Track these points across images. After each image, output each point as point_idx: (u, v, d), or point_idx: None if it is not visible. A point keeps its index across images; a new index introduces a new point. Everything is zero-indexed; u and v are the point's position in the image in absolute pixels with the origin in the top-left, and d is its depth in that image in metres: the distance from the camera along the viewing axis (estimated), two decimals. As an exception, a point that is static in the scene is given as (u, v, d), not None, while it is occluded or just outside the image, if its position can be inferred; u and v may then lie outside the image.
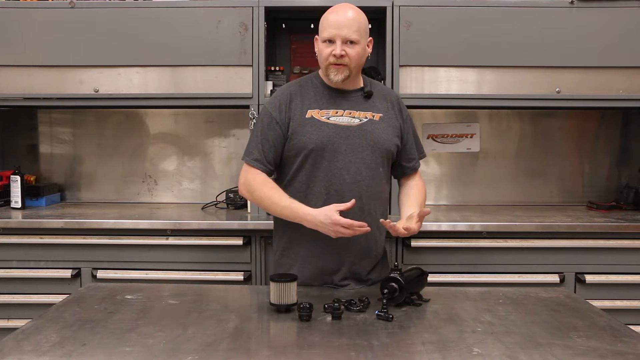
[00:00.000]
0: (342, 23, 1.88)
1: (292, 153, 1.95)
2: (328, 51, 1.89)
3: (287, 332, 1.53)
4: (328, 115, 1.95)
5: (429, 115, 3.26)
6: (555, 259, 2.64)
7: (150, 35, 2.84)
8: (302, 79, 2.08)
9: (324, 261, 1.96)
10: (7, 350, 1.37)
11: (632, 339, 1.45)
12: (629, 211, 3.02)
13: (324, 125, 1.93)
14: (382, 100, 2.04)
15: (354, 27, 1.89)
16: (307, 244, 1.96)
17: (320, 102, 1.97)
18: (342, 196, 1.90)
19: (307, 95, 1.98)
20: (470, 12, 2.80)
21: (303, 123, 1.93)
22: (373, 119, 1.98)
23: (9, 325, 2.64)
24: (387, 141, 1.98)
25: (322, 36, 1.92)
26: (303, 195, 1.94)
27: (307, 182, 1.94)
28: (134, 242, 2.66)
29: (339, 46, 1.88)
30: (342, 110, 1.96)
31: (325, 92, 1.99)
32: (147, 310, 1.68)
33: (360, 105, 1.99)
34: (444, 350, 1.38)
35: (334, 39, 1.88)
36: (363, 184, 1.93)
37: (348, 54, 1.89)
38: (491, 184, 3.32)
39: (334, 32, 1.88)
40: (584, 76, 2.82)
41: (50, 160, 3.41)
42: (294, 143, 1.94)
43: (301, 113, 1.95)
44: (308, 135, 1.92)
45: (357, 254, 1.97)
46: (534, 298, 1.82)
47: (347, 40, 1.88)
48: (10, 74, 2.90)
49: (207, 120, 3.34)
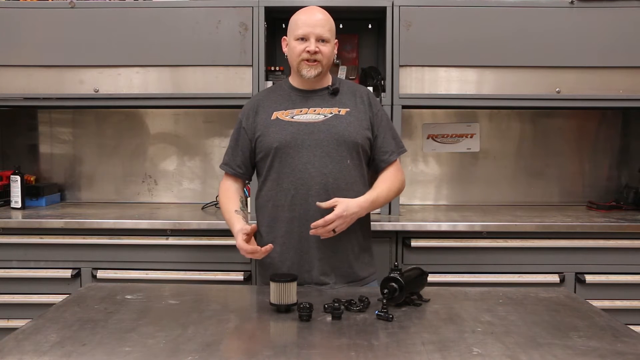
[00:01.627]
0: (316, 22, 1.97)
1: (262, 154, 2.03)
2: (301, 48, 1.97)
3: (287, 332, 1.53)
4: (292, 115, 2.02)
5: (429, 115, 3.26)
6: (555, 259, 2.64)
7: (150, 35, 2.84)
8: (273, 86, 2.21)
9: (299, 256, 1.98)
10: (7, 350, 1.37)
11: (632, 339, 1.45)
12: (629, 211, 3.02)
13: (287, 124, 2.00)
14: (351, 96, 2.08)
15: (326, 27, 1.99)
16: (281, 240, 1.99)
17: (286, 104, 2.05)
18: (308, 189, 1.95)
19: (274, 99, 2.07)
20: (470, 12, 2.80)
21: (268, 125, 2.02)
22: (339, 113, 2.02)
23: (9, 325, 2.64)
24: (353, 134, 2.00)
25: (295, 34, 1.99)
26: (274, 192, 2.00)
27: (276, 180, 2.00)
28: (134, 242, 2.66)
29: (313, 43, 1.96)
30: (306, 109, 2.02)
31: (292, 94, 2.07)
32: (147, 310, 1.68)
33: (326, 102, 2.04)
34: (444, 350, 1.38)
35: (307, 36, 1.96)
36: (329, 176, 1.96)
37: (321, 51, 1.97)
38: (491, 184, 3.32)
39: (308, 30, 1.96)
40: (584, 76, 2.82)
41: (50, 160, 3.41)
42: (262, 145, 2.02)
43: (267, 116, 2.04)
44: (273, 135, 2.00)
45: (329, 246, 1.97)
46: (534, 298, 1.82)
47: (320, 38, 1.97)
48: (10, 74, 2.90)
49: (207, 120, 3.34)
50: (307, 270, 1.98)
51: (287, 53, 2.05)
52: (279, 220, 2.00)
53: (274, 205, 2.00)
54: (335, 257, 1.99)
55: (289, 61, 2.05)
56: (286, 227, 1.97)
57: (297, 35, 1.98)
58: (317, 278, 1.98)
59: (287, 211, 1.98)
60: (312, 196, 1.94)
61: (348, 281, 2.01)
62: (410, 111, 3.21)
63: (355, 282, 2.03)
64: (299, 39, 1.97)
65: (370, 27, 3.23)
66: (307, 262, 1.98)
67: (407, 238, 2.64)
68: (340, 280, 2.00)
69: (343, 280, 2.01)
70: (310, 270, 1.98)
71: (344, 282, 2.01)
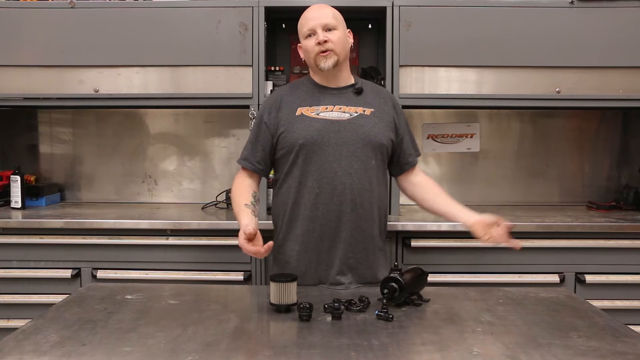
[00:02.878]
0: (318, 14, 1.98)
1: (285, 151, 1.99)
2: (312, 43, 1.96)
3: (287, 332, 1.53)
4: (318, 112, 1.98)
5: (429, 115, 3.26)
6: (555, 259, 2.64)
7: (150, 35, 2.84)
8: (294, 81, 2.16)
9: (318, 255, 1.97)
10: (7, 350, 1.37)
11: (632, 339, 1.45)
12: (629, 211, 3.02)
13: (313, 121, 1.96)
14: (375, 96, 2.07)
15: (329, 15, 1.98)
16: (300, 239, 1.98)
17: (310, 100, 2.01)
18: (333, 189, 1.93)
19: (297, 95, 2.04)
20: (470, 12, 2.80)
21: (293, 120, 1.98)
22: (364, 113, 2.00)
23: (9, 325, 2.64)
24: (378, 134, 1.99)
25: (303, 34, 1.99)
26: (295, 190, 1.97)
27: (300, 178, 1.97)
28: (134, 242, 2.66)
29: (321, 33, 1.95)
30: (332, 106, 1.99)
31: (315, 90, 2.03)
32: (147, 310, 1.68)
33: (351, 101, 2.02)
34: (444, 350, 1.38)
35: (314, 29, 1.96)
36: (355, 176, 1.95)
37: (330, 39, 1.95)
38: (491, 184, 3.32)
39: (312, 23, 1.97)
40: (584, 76, 2.82)
41: (50, 160, 3.41)
42: (285, 140, 1.98)
43: (291, 112, 2.00)
44: (298, 131, 1.96)
45: (350, 246, 1.97)
46: (534, 298, 1.82)
47: (327, 28, 1.96)
48: (10, 74, 2.90)
49: (207, 120, 3.34)
50: (325, 269, 1.97)
51: (304, 57, 2.03)
52: (299, 218, 1.97)
53: (295, 202, 1.97)
54: (355, 258, 1.98)
55: (308, 63, 2.04)
56: (307, 226, 1.94)
57: (305, 33, 1.98)
58: (333, 278, 1.97)
59: (309, 209, 1.95)
60: (337, 195, 1.93)
61: (364, 282, 2.00)
62: (410, 111, 3.21)
63: (369, 283, 2.00)
64: (308, 36, 1.97)
65: (370, 27, 3.23)
66: (326, 262, 1.97)
67: (407, 238, 2.64)
68: (356, 280, 1.99)
69: (359, 281, 1.99)
70: (328, 269, 1.97)
71: (360, 282, 1.99)
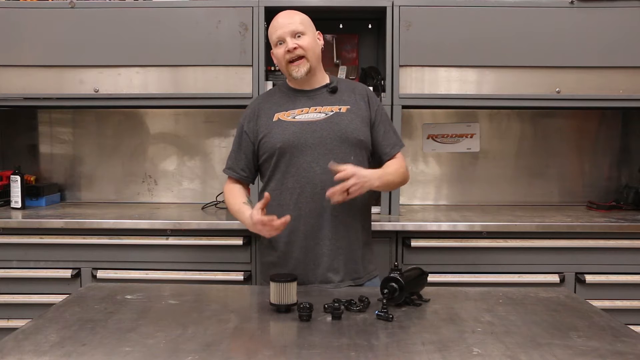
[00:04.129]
0: (285, 22, 2.00)
1: (266, 156, 2.03)
2: (282, 51, 1.99)
3: (287, 332, 1.53)
4: (294, 115, 2.02)
5: (429, 115, 3.26)
6: (555, 259, 2.64)
7: (150, 35, 2.84)
8: (270, 89, 2.24)
9: (304, 254, 1.98)
10: (7, 350, 1.37)
11: (632, 339, 1.45)
12: (629, 211, 3.02)
13: (289, 124, 2.00)
14: (350, 93, 2.08)
15: (297, 21, 2.00)
16: (286, 239, 1.99)
17: (287, 105, 2.05)
18: (314, 188, 1.96)
19: (273, 102, 2.08)
20: (470, 12, 2.80)
21: (271, 126, 2.02)
22: (340, 111, 2.02)
23: (9, 325, 2.64)
24: (355, 131, 2.01)
25: (273, 42, 2.02)
26: (278, 192, 2.00)
27: (281, 180, 2.01)
28: (134, 242, 2.66)
29: (290, 41, 1.97)
30: (307, 108, 2.03)
31: (290, 95, 2.08)
32: (147, 310, 1.68)
33: (326, 100, 2.05)
34: (444, 350, 1.37)
35: (282, 37, 1.99)
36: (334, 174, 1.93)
37: (300, 45, 1.97)
38: (491, 184, 3.32)
39: (281, 31, 1.99)
40: (584, 76, 2.82)
41: (50, 160, 3.41)
42: (265, 146, 2.02)
43: (269, 118, 2.04)
44: (276, 136, 2.00)
45: (335, 242, 1.98)
46: (534, 298, 1.82)
47: (295, 34, 1.98)
48: (10, 74, 2.90)
49: (207, 120, 3.34)
50: (312, 268, 1.98)
51: (277, 64, 2.07)
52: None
53: (279, 204, 1.99)
54: (341, 253, 1.99)
55: (281, 70, 2.07)
56: (291, 226, 1.94)
57: (275, 41, 2.01)
58: (322, 276, 1.98)
59: (292, 210, 1.97)
60: (318, 193, 1.95)
61: (353, 277, 2.01)
62: (410, 111, 3.21)
63: (359, 278, 2.03)
64: (277, 44, 2.00)
65: (370, 27, 3.23)
66: (313, 260, 1.98)
67: (407, 238, 2.64)
68: (346, 277, 2.00)
69: (348, 277, 2.00)
70: (315, 268, 1.98)
71: (350, 278, 2.01)
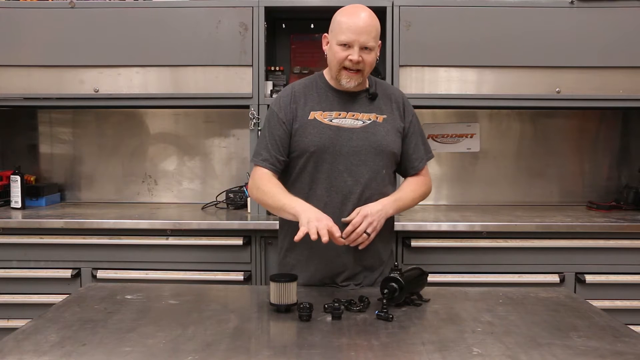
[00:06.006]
0: (362, 29, 1.83)
1: (295, 155, 1.94)
2: (344, 55, 1.84)
3: (287, 332, 1.53)
4: (331, 117, 1.92)
5: (429, 115, 3.26)
6: (555, 259, 2.64)
7: (150, 35, 2.84)
8: (306, 79, 2.04)
9: (327, 262, 1.94)
10: (7, 350, 1.37)
11: (632, 339, 1.45)
12: (629, 211, 3.02)
13: (326, 127, 1.91)
14: (387, 100, 2.00)
15: (372, 34, 1.85)
16: (310, 244, 1.89)
17: (324, 104, 1.94)
18: (344, 198, 1.90)
19: (310, 96, 1.96)
20: (470, 12, 2.80)
21: (305, 124, 1.92)
22: (376, 120, 1.95)
23: (9, 325, 2.64)
24: (391, 143, 1.95)
25: (338, 39, 1.85)
26: (305, 197, 1.91)
27: (309, 184, 1.93)
28: (134, 242, 2.66)
29: (357, 52, 1.83)
30: (345, 112, 1.93)
31: (329, 93, 1.96)
32: (147, 310, 1.68)
33: (365, 107, 1.95)
34: (444, 350, 1.38)
35: (352, 44, 1.83)
36: (365, 186, 1.91)
37: (364, 60, 1.85)
38: (491, 184, 3.32)
39: (353, 37, 1.83)
40: (584, 76, 2.83)
41: (50, 160, 3.41)
42: (297, 144, 1.92)
43: (304, 114, 1.93)
44: (310, 137, 1.91)
45: (360, 256, 1.94)
46: (534, 298, 1.82)
47: (364, 47, 1.84)
48: (10, 74, 2.90)
49: (207, 120, 3.34)
50: (332, 276, 1.95)
51: (327, 53, 1.92)
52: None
53: None
54: (362, 265, 1.96)
55: (328, 62, 1.93)
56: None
57: (341, 41, 1.84)
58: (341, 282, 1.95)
59: None
60: (347, 205, 1.89)
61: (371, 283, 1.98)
62: (410, 111, 3.21)
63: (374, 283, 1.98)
64: (342, 44, 1.84)
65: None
66: (333, 270, 1.94)
67: (407, 238, 2.64)
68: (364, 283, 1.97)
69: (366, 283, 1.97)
70: (335, 276, 1.95)
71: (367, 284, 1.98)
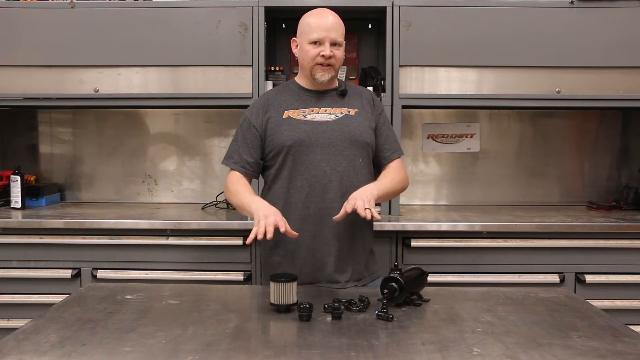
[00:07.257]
0: (330, 26, 1.98)
1: (273, 153, 2.02)
2: (316, 52, 1.97)
3: (287, 332, 1.53)
4: (304, 114, 2.03)
5: (429, 115, 3.26)
6: (555, 259, 2.64)
7: (150, 35, 2.84)
8: (279, 85, 2.20)
9: (312, 254, 1.98)
10: (7, 350, 1.37)
11: (632, 339, 1.45)
12: (629, 211, 3.02)
13: (300, 123, 2.01)
14: (357, 97, 2.11)
15: (340, 31, 2.00)
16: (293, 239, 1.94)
17: (297, 103, 2.05)
18: (323, 187, 1.97)
19: (283, 98, 2.07)
20: (470, 12, 2.80)
21: (280, 123, 2.02)
22: (349, 113, 2.05)
23: (9, 325, 2.64)
24: (363, 133, 2.04)
25: (308, 38, 1.99)
26: (285, 190, 2.00)
27: (289, 178, 2.00)
28: (134, 242, 2.66)
29: (328, 47, 1.97)
30: (317, 109, 2.04)
31: (301, 94, 2.08)
32: (147, 310, 1.68)
33: (336, 103, 2.06)
34: (444, 350, 1.38)
35: (322, 40, 1.97)
36: (343, 174, 1.98)
37: (335, 55, 1.98)
38: (491, 184, 3.32)
39: (323, 34, 1.97)
40: (584, 76, 2.83)
41: (50, 160, 3.41)
42: (273, 143, 2.01)
43: (278, 115, 2.03)
44: (286, 132, 2.00)
45: (342, 242, 1.98)
46: (534, 298, 1.82)
47: (334, 42, 1.98)
48: (10, 74, 2.90)
49: (207, 120, 3.34)
50: (319, 268, 1.99)
51: (298, 55, 2.05)
52: (290, 218, 1.93)
53: (286, 202, 1.99)
54: (348, 254, 2.00)
55: (300, 63, 2.05)
56: (298, 225, 1.93)
57: (311, 39, 1.98)
58: (329, 276, 1.99)
59: (300, 209, 1.97)
60: (328, 193, 1.96)
61: (358, 278, 2.03)
62: (410, 111, 3.21)
63: (363, 278, 2.04)
64: (313, 42, 1.98)
65: (370, 27, 3.23)
66: (320, 260, 1.99)
67: (407, 238, 2.64)
68: (352, 277, 2.01)
69: (354, 278, 2.02)
70: (322, 268, 1.99)
71: (356, 278, 2.02)
